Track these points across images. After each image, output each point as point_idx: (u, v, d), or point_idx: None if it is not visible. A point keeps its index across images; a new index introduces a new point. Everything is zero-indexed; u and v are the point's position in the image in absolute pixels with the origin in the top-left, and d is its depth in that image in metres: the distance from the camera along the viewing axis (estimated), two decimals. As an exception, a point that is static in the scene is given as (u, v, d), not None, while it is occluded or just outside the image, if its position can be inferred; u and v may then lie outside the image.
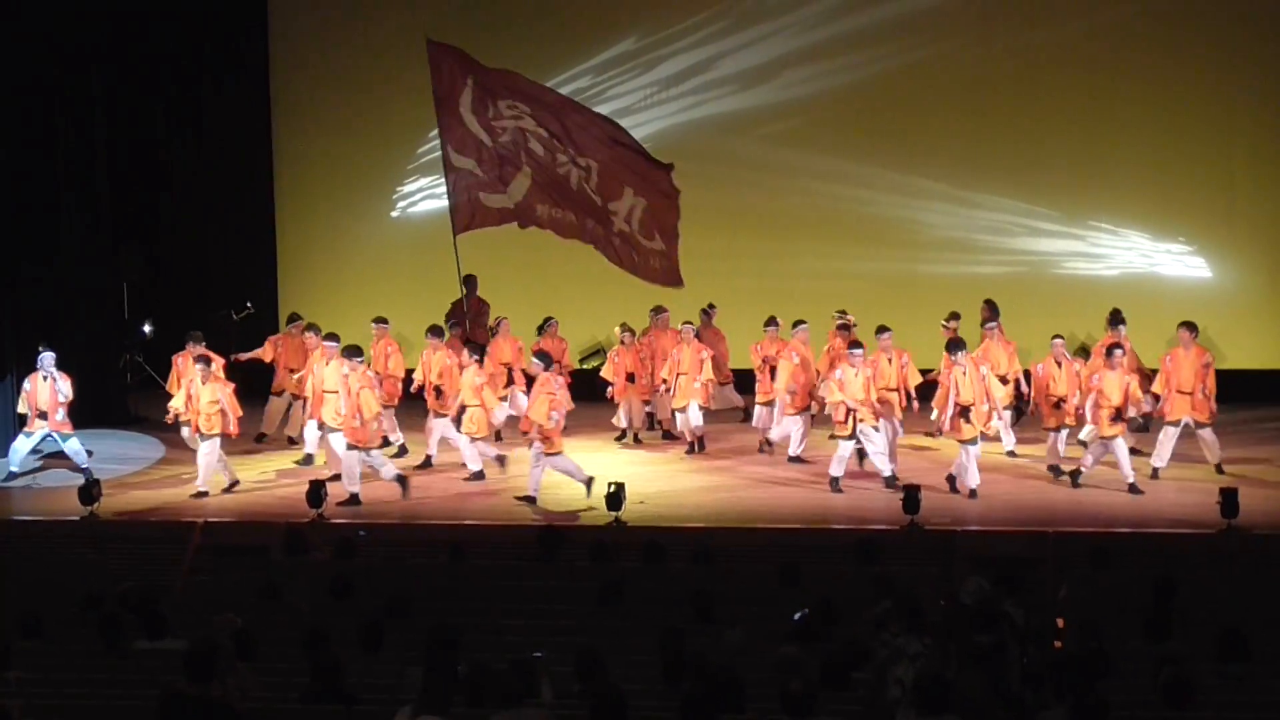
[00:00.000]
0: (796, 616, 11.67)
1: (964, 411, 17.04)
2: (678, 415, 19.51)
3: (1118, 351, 17.15)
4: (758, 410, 19.64)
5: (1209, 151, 22.26)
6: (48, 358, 18.41)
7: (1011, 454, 18.74)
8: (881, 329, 18.48)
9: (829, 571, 13.86)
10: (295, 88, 23.77)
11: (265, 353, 20.29)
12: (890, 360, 18.18)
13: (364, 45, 23.50)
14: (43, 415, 18.33)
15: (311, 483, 16.59)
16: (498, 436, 19.53)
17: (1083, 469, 17.38)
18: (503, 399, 19.48)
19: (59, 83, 21.49)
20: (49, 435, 18.46)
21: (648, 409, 20.38)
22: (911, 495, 15.86)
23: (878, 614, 11.54)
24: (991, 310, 20.03)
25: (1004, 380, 18.38)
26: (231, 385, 18.00)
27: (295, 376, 19.64)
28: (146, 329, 22.66)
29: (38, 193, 21.39)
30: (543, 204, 19.47)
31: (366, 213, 23.72)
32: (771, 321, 19.71)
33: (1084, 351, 19.37)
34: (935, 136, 22.63)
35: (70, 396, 18.34)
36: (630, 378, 19.86)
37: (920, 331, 20.26)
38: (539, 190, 19.40)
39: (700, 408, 19.35)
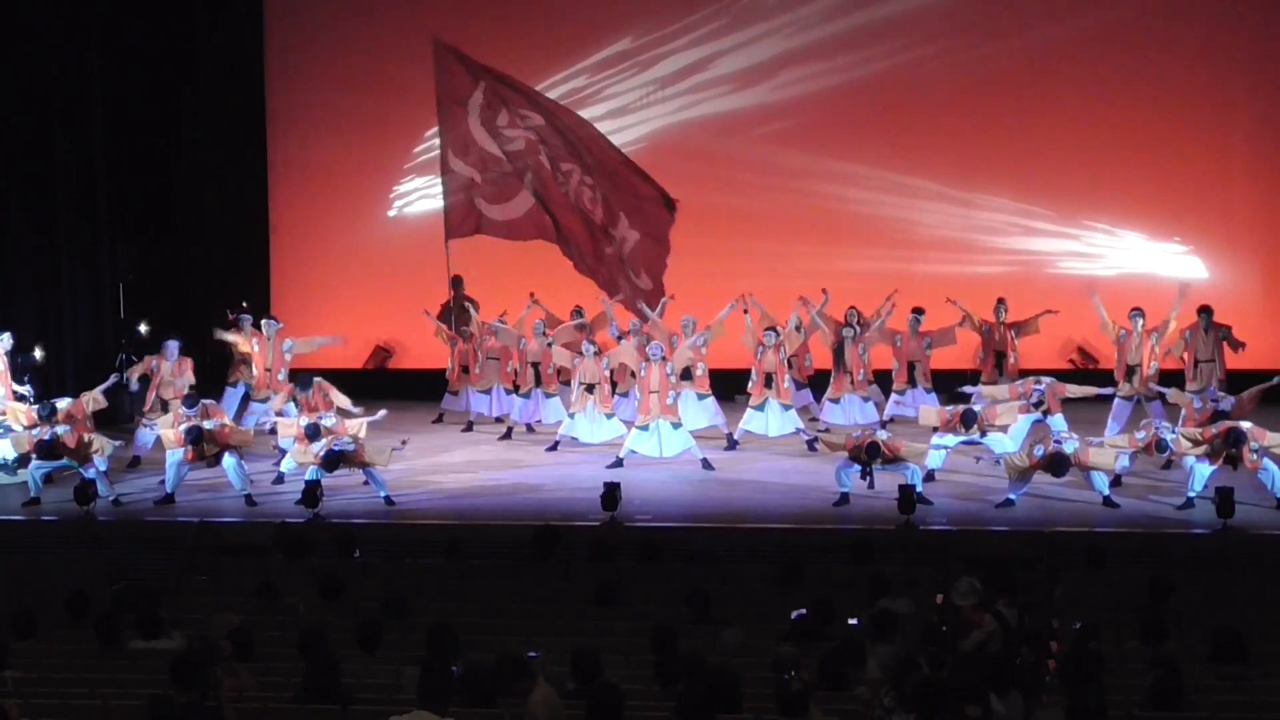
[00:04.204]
0: (794, 616, 11.68)
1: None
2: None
3: None
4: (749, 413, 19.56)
5: (1206, 151, 22.31)
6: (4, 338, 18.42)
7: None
8: None
9: (825, 571, 13.86)
10: (291, 86, 23.79)
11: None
12: None
13: (359, 44, 23.51)
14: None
15: (307, 483, 16.60)
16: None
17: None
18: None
19: (55, 82, 21.48)
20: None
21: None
22: (907, 495, 15.86)
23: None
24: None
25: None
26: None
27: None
28: (142, 328, 22.62)
29: (35, 191, 21.39)
30: (540, 219, 19.27)
31: (362, 212, 23.71)
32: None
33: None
34: (931, 136, 22.67)
35: None
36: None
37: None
38: (539, 206, 19.21)
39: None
